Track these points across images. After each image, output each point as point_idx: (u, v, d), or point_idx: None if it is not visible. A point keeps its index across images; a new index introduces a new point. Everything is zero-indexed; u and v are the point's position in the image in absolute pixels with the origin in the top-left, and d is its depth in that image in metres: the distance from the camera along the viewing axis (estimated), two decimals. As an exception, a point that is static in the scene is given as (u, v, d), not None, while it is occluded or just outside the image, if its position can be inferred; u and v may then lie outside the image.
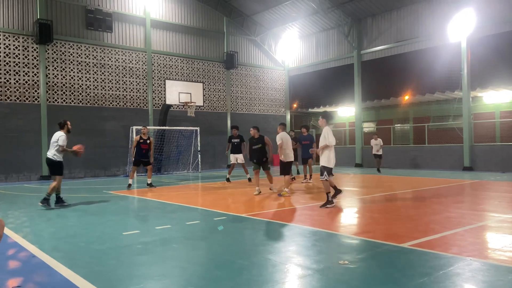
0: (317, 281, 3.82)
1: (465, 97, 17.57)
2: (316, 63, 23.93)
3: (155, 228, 6.34)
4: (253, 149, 10.57)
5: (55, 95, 17.02)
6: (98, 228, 6.55)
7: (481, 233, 5.79)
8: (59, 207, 8.77)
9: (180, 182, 14.85)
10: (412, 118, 22.31)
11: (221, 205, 8.96)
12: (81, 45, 17.73)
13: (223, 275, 4.01)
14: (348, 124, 25.23)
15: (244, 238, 5.76)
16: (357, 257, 4.55)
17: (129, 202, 9.83)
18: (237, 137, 13.84)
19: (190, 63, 21.31)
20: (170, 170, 19.60)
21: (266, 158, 10.62)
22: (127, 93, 19.04)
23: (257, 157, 10.52)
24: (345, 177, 15.60)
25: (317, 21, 22.85)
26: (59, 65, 17.18)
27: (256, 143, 10.51)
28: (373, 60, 21.11)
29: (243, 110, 23.64)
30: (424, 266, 4.15)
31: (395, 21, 20.10)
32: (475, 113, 18.96)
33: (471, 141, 17.68)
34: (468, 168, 17.44)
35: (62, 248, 5.28)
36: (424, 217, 6.94)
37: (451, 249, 4.81)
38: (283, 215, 7.48)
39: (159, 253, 4.92)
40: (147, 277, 3.99)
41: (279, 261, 4.50)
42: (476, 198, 9.72)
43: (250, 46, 24.17)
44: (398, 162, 20.07)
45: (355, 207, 8.55)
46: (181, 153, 20.09)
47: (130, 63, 19.17)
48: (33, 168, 16.27)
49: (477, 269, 4.04)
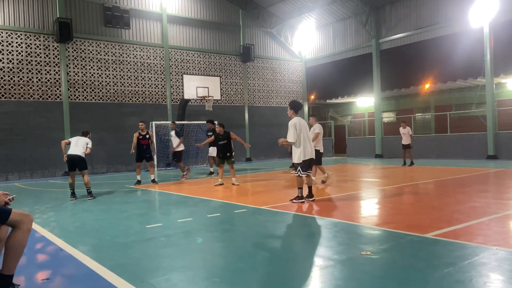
0: (340, 271, 3.82)
1: (488, 83, 17.10)
2: (333, 53, 23.65)
3: (177, 221, 6.44)
4: (219, 145, 11.24)
5: (76, 93, 17.37)
6: (122, 222, 6.69)
7: (507, 222, 5.67)
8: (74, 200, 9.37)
9: (200, 176, 14.99)
10: (434, 107, 21.90)
11: (241, 197, 9.02)
12: (100, 43, 17.99)
13: (246, 266, 4.05)
14: (367, 115, 24.93)
15: (265, 230, 5.79)
16: (380, 248, 4.52)
17: (150, 196, 9.99)
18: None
19: (207, 57, 21.37)
20: (190, 164, 19.78)
21: (231, 153, 11.27)
22: (146, 89, 19.27)
23: (223, 152, 11.17)
24: (365, 168, 15.45)
25: (334, 11, 22.54)
26: (80, 62, 17.49)
27: (222, 139, 11.15)
28: (392, 48, 20.72)
29: (260, 103, 23.62)
30: (449, 256, 4.10)
31: (414, 8, 19.65)
32: (499, 100, 18.46)
33: (495, 129, 17.23)
34: (493, 156, 17.03)
35: (88, 241, 5.42)
36: (448, 207, 6.83)
37: (476, 238, 4.72)
38: (303, 207, 7.48)
39: (183, 245, 5.00)
40: (172, 269, 4.07)
41: (301, 252, 4.51)
42: (501, 187, 9.50)
43: (266, 39, 24.05)
44: (420, 152, 19.73)
45: (376, 198, 8.47)
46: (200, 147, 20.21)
47: (148, 59, 19.37)
48: (57, 164, 16.68)
49: (503, 258, 3.97)
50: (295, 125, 7.58)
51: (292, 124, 7.61)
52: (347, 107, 26.93)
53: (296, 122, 7.61)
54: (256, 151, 22.92)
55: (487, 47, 16.90)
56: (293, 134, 7.55)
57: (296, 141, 7.60)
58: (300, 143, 7.60)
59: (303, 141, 7.61)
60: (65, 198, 9.84)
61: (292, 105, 7.84)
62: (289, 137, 7.60)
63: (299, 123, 7.62)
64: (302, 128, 7.63)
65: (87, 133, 10.15)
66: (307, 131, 7.76)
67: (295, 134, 7.56)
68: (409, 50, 20.02)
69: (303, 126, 7.67)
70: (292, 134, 7.55)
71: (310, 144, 7.74)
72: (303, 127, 7.66)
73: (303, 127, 7.65)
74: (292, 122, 7.63)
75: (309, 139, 7.76)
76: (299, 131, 7.58)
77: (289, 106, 7.88)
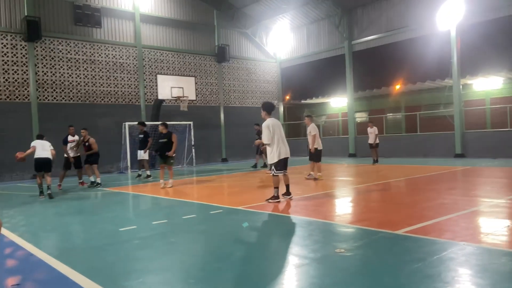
0: (314, 269, 3.88)
1: (456, 84, 17.70)
2: (307, 54, 23.92)
3: (152, 223, 6.37)
4: (159, 142, 11.33)
5: (46, 93, 16.87)
6: (95, 225, 6.56)
7: (474, 218, 5.89)
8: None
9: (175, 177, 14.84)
10: (404, 107, 22.46)
11: (217, 198, 9.00)
12: (70, 42, 17.54)
13: (222, 266, 4.06)
14: (341, 115, 25.32)
15: (241, 231, 5.80)
16: (353, 245, 4.61)
17: (124, 199, 9.83)
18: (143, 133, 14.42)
19: (181, 57, 21.19)
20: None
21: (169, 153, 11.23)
22: (119, 89, 18.92)
23: (161, 150, 11.17)
24: (339, 167, 15.71)
25: (307, 12, 22.80)
26: (49, 62, 17.00)
27: (163, 138, 11.22)
28: (364, 50, 21.15)
29: (236, 103, 23.61)
30: (419, 252, 4.23)
31: (385, 10, 20.13)
32: (466, 100, 19.12)
33: (462, 128, 17.85)
34: (460, 155, 17.63)
35: (59, 245, 5.29)
36: (418, 204, 7.04)
37: (444, 234, 4.89)
38: (279, 206, 7.54)
39: (157, 247, 4.95)
40: (147, 271, 4.02)
41: (276, 251, 4.55)
42: (468, 184, 9.86)
43: (241, 39, 24.07)
44: (391, 151, 20.22)
45: (350, 196, 8.63)
46: (175, 148, 20.04)
47: (121, 59, 19.02)
48: (25, 167, 16.12)
49: (470, 253, 4.13)
50: (269, 126, 7.64)
51: (265, 125, 7.68)
52: (322, 108, 27.28)
53: (269, 123, 7.68)
54: (232, 152, 22.90)
55: (454, 49, 17.49)
56: (267, 135, 7.61)
57: (270, 142, 7.67)
58: (274, 143, 7.66)
59: (276, 141, 7.67)
60: (35, 201, 9.55)
61: (265, 107, 7.92)
62: (263, 139, 7.69)
63: (273, 124, 7.69)
64: (275, 129, 7.69)
65: (43, 136, 10.54)
66: (281, 132, 7.81)
67: (269, 135, 7.61)
68: (381, 51, 20.48)
69: (276, 126, 7.73)
70: (266, 135, 7.61)
71: (284, 144, 7.79)
72: (276, 127, 7.72)
73: (276, 128, 7.71)
74: (266, 124, 7.70)
75: (282, 139, 7.80)
76: (272, 132, 7.63)
77: (262, 108, 7.95)
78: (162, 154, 11.22)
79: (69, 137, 12.21)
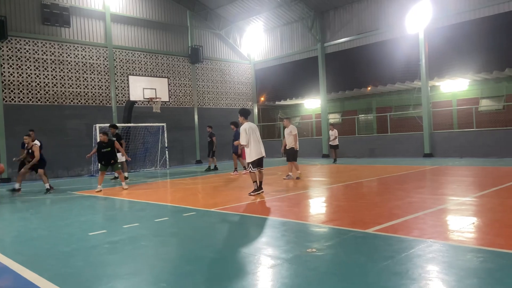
0: (286, 269, 3.91)
1: (424, 86, 18.23)
2: (281, 56, 24.09)
3: (123, 227, 6.25)
4: (102, 152, 11.17)
5: (12, 94, 16.28)
6: (63, 230, 6.38)
7: (441, 216, 6.08)
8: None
9: (148, 179, 14.64)
10: (376, 108, 22.94)
11: (190, 200, 8.92)
12: (37, 41, 17.01)
13: (193, 269, 4.02)
14: (314, 116, 25.60)
15: (214, 232, 5.78)
16: (325, 245, 4.67)
17: (94, 202, 9.60)
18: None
19: (154, 58, 20.91)
20: (137, 167, 19.25)
21: (115, 160, 11.33)
22: (89, 90, 18.48)
23: (106, 159, 11.21)
24: (312, 168, 15.87)
25: (281, 14, 22.96)
26: (15, 62, 16.42)
27: (106, 147, 11.17)
28: (336, 52, 21.48)
29: (210, 105, 23.50)
30: (388, 250, 4.33)
31: (356, 14, 20.51)
32: (434, 101, 19.73)
33: (430, 129, 18.39)
34: (429, 154, 18.16)
35: (25, 251, 5.12)
36: (388, 203, 7.20)
37: (412, 232, 5.02)
38: (252, 208, 7.55)
39: (128, 251, 4.86)
40: (116, 276, 3.95)
41: (249, 252, 4.55)
42: (436, 183, 10.16)
43: (215, 40, 23.99)
44: (363, 151, 20.61)
45: (323, 196, 8.75)
46: (148, 150, 19.77)
47: (91, 59, 18.60)
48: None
49: (437, 250, 4.25)
50: (246, 130, 8.68)
51: (242, 129, 8.72)
52: (296, 109, 27.51)
53: (246, 127, 8.72)
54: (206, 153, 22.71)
55: (422, 52, 18.03)
56: (245, 137, 8.68)
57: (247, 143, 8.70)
58: (251, 144, 8.71)
59: (253, 142, 8.74)
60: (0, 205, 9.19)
61: (242, 112, 9.02)
62: (241, 141, 8.75)
63: (249, 128, 8.74)
64: (251, 132, 8.73)
65: None
66: (257, 134, 8.88)
67: (246, 138, 8.67)
68: (353, 54, 20.86)
69: (252, 129, 8.79)
70: (244, 137, 8.68)
71: (260, 145, 8.86)
72: (252, 131, 8.76)
73: (252, 131, 8.75)
74: (243, 128, 8.74)
75: (259, 140, 8.88)
76: (249, 135, 8.67)
77: (239, 114, 9.05)
78: (107, 163, 11.23)
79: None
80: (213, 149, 16.36)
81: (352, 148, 21.06)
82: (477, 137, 17.08)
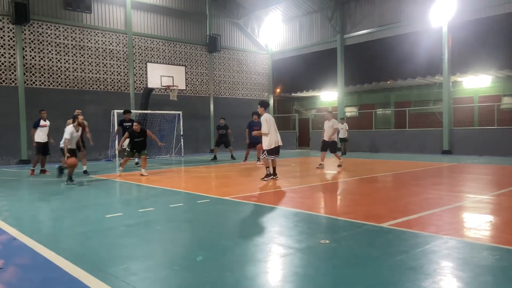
0: (299, 259, 3.91)
1: (446, 82, 17.85)
2: (299, 47, 23.86)
3: (138, 211, 6.34)
4: (136, 142, 11.50)
5: (33, 78, 16.58)
6: (80, 212, 6.51)
7: (457, 213, 5.99)
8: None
9: (163, 166, 14.78)
10: (394, 103, 22.61)
11: (204, 188, 8.99)
12: (59, 26, 17.22)
13: (206, 255, 4.06)
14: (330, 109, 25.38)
15: (227, 220, 5.81)
16: (338, 237, 4.66)
17: (111, 186, 9.76)
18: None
19: (172, 46, 20.97)
20: (153, 154, 19.45)
21: (144, 148, 11.74)
22: (108, 76, 18.68)
23: (139, 147, 11.60)
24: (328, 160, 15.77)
25: (300, 4, 22.70)
26: (37, 46, 16.68)
27: (139, 137, 11.51)
28: (356, 44, 21.16)
29: (226, 94, 23.50)
30: (402, 245, 4.29)
31: (378, 5, 20.13)
32: (455, 97, 19.34)
33: (450, 125, 18.05)
34: (447, 151, 17.86)
35: (44, 231, 5.24)
36: (403, 199, 7.12)
37: (428, 228, 4.96)
38: (266, 197, 7.55)
39: (143, 235, 4.93)
40: (131, 258, 4.01)
41: (261, 241, 4.57)
42: (453, 180, 10.00)
43: (233, 29, 23.90)
44: (379, 146, 20.39)
45: (337, 189, 8.70)
46: (164, 137, 19.89)
47: (111, 45, 18.76)
48: (11, 152, 15.92)
49: (452, 246, 4.19)
50: (267, 120, 9.42)
51: (263, 119, 9.47)
52: (312, 101, 27.32)
53: (267, 117, 9.48)
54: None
55: (445, 46, 17.61)
56: (266, 126, 9.38)
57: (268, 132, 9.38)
58: (271, 132, 9.42)
59: (273, 131, 9.45)
60: (20, 186, 9.43)
61: (262, 104, 9.83)
62: (263, 129, 9.43)
63: (269, 118, 9.51)
64: (271, 122, 9.49)
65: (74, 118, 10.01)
66: (274, 124, 9.62)
67: (267, 126, 9.37)
68: (372, 46, 20.54)
69: (271, 120, 9.56)
70: (266, 126, 9.38)
71: (277, 134, 9.54)
72: (271, 121, 9.53)
73: (271, 121, 9.52)
74: (264, 118, 9.47)
75: (276, 130, 9.57)
76: (269, 124, 9.39)
77: (259, 105, 9.84)
78: (139, 151, 11.58)
79: (41, 121, 12.02)
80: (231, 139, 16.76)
81: (368, 142, 20.84)
82: (498, 135, 16.69)
